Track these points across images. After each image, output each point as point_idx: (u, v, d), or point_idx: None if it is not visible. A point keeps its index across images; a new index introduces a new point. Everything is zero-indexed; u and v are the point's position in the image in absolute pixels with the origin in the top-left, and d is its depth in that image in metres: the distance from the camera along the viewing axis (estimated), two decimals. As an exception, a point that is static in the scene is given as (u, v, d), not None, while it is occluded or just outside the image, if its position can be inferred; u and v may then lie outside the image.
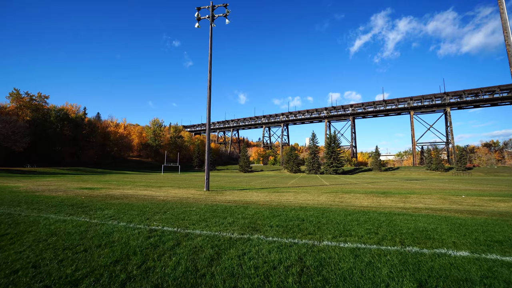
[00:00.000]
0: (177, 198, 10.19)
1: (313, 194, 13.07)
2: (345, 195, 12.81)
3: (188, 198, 10.21)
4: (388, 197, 11.67)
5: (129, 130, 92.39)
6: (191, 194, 11.95)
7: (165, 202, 8.50)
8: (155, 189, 14.47)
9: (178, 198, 9.86)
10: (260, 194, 12.46)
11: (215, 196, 11.40)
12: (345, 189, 16.70)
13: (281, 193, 13.24)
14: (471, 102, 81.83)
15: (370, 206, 8.44)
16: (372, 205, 8.79)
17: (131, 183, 19.16)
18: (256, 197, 11.26)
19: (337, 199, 11.01)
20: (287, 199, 10.62)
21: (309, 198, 11.24)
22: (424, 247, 3.57)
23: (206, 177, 14.46)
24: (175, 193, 12.68)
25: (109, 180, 23.15)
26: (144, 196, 10.33)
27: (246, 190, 15.04)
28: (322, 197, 11.70)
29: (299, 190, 15.27)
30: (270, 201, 9.26)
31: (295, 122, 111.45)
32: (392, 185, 20.88)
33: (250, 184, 21.06)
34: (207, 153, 14.78)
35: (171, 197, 10.45)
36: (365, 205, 8.77)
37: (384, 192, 14.46)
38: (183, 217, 5.72)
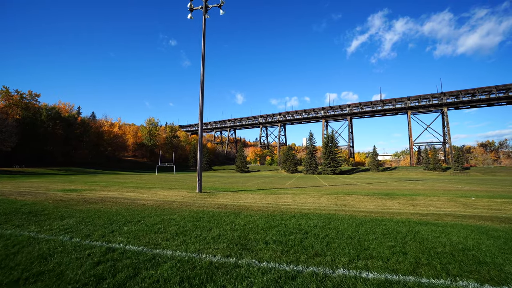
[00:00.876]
0: (161, 202, 9.06)
1: (313, 196, 12.05)
2: (347, 197, 11.81)
3: (174, 201, 9.09)
4: (394, 199, 10.70)
5: (124, 130, 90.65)
6: (180, 197, 10.84)
7: (145, 207, 7.35)
8: (143, 191, 13.33)
9: (161, 202, 8.72)
10: (256, 197, 11.40)
11: (206, 199, 10.31)
12: (346, 190, 15.72)
13: (279, 195, 12.20)
14: (468, 102, 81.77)
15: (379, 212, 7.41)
16: (379, 210, 7.78)
17: (120, 184, 17.97)
18: (251, 199, 10.20)
19: (339, 201, 10.00)
20: (285, 202, 9.58)
21: (309, 200, 10.21)
22: (484, 281, 2.54)
23: (198, 178, 13.36)
24: (163, 195, 11.56)
25: (98, 181, 21.90)
26: (124, 200, 9.17)
27: (241, 191, 13.97)
28: (323, 199, 10.69)
29: (298, 192, 14.26)
30: (266, 206, 8.19)
31: (292, 122, 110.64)
32: (394, 186, 19.97)
33: (246, 185, 20.00)
34: (199, 152, 13.68)
35: (155, 201, 9.33)
36: (372, 209, 7.76)
37: (388, 193, 13.50)
38: (158, 228, 4.62)
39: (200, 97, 13.92)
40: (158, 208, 7.32)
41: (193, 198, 10.53)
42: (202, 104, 13.89)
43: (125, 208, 6.99)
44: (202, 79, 14.10)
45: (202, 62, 14.25)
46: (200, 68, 14.21)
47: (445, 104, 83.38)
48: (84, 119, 69.18)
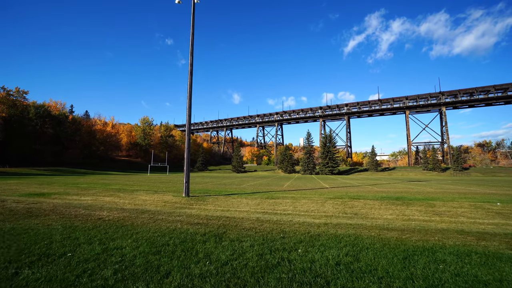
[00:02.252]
0: (130, 211, 7.50)
1: (316, 200, 10.63)
2: (354, 202, 10.43)
3: (147, 211, 7.55)
4: (409, 206, 9.33)
5: (118, 129, 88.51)
6: (161, 203, 9.34)
7: (97, 224, 5.58)
8: (123, 195, 11.80)
9: (128, 213, 6.98)
10: (250, 202, 9.94)
11: (190, 206, 8.82)
12: (350, 193, 14.35)
13: (276, 200, 10.77)
14: (466, 101, 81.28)
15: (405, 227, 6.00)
16: (401, 222, 6.37)
17: (103, 186, 16.38)
18: (245, 207, 8.74)
19: (348, 208, 8.59)
20: (284, 210, 8.13)
21: (312, 207, 8.79)
22: None
23: (185, 180, 11.86)
24: (143, 200, 10.05)
25: (80, 182, 20.27)
26: (82, 211, 7.29)
27: (235, 195, 12.51)
28: (328, 205, 9.27)
29: (298, 195, 12.84)
30: (262, 218, 6.67)
31: (290, 121, 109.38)
32: (399, 188, 18.67)
33: (240, 187, 18.54)
34: (187, 151, 12.18)
35: (123, 210, 7.82)
36: (392, 221, 6.35)
37: (398, 197, 12.15)
38: (80, 272, 3.01)
39: (188, 89, 12.42)
40: (115, 224, 5.58)
41: (175, 204, 9.03)
42: (190, 97, 12.39)
43: (68, 226, 5.25)
44: (190, 69, 12.62)
45: (191, 51, 12.76)
46: (189, 57, 12.73)
47: (443, 104, 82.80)
48: (75, 118, 67.03)
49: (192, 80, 12.58)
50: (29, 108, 52.58)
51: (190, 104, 12.33)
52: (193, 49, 12.83)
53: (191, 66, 12.66)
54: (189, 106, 12.30)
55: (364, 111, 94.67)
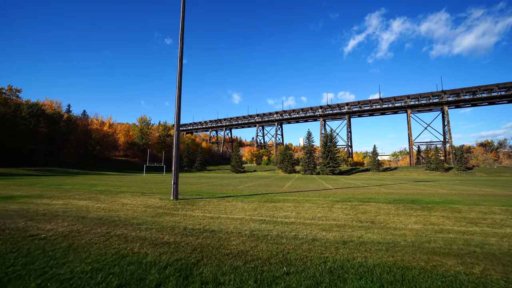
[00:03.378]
0: (83, 225, 6.17)
1: (321, 204, 9.29)
2: (365, 206, 9.09)
3: (113, 221, 6.17)
4: (431, 211, 7.99)
5: (115, 128, 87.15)
6: (142, 208, 7.99)
7: (10, 250, 3.78)
8: (104, 198, 10.44)
9: (79, 228, 5.67)
10: (246, 207, 8.59)
11: (176, 211, 7.47)
12: (358, 195, 13.00)
13: (276, 203, 9.42)
14: (469, 100, 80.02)
15: (455, 250, 4.65)
16: (432, 234, 5.03)
17: (88, 188, 15.03)
18: (239, 213, 7.39)
19: (361, 215, 7.25)
20: (286, 217, 6.78)
21: (318, 213, 7.44)
22: None
23: (173, 181, 10.50)
24: (123, 204, 8.70)
25: (66, 183, 18.93)
26: (17, 225, 6.11)
27: (230, 197, 11.16)
28: (337, 210, 7.93)
29: (300, 197, 11.49)
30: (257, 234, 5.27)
31: (290, 121, 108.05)
32: (409, 189, 17.33)
33: (238, 188, 17.18)
34: (175, 148, 10.83)
35: (89, 217, 6.47)
36: (423, 236, 5.00)
37: (413, 200, 10.81)
38: None
39: (178, 78, 11.06)
40: (43, 247, 3.95)
41: (157, 210, 7.67)
42: (180, 86, 11.03)
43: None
44: (180, 56, 11.28)
45: (181, 37, 11.43)
46: (179, 44, 11.39)
47: (445, 103, 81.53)
48: (70, 117, 65.58)
49: (182, 68, 11.23)
50: (22, 107, 51.15)
51: (179, 94, 10.98)
52: (183, 36, 11.49)
53: (181, 53, 11.32)
54: (178, 97, 10.95)
55: (365, 110, 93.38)
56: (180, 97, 11.02)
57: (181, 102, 11.07)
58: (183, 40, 11.42)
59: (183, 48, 11.39)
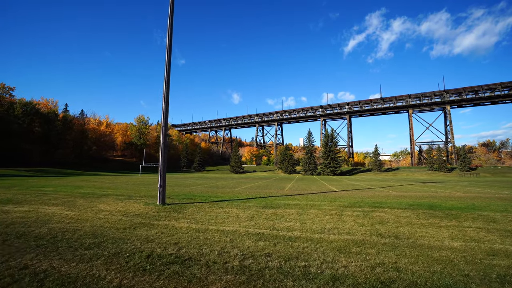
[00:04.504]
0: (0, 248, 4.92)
1: (328, 211, 8.04)
2: (380, 213, 7.84)
3: (71, 238, 4.96)
4: (460, 220, 6.75)
5: (112, 128, 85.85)
6: (119, 216, 6.73)
7: None
8: (81, 202, 9.19)
9: None
10: (242, 214, 7.34)
11: (157, 220, 6.21)
12: (366, 198, 11.75)
13: (277, 210, 8.17)
14: (471, 100, 78.88)
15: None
16: (480, 258, 3.78)
17: (71, 190, 13.78)
18: (231, 223, 6.12)
19: (378, 226, 6.00)
20: (288, 229, 5.53)
21: (327, 223, 6.19)
22: None
23: (159, 184, 9.25)
24: (98, 210, 7.44)
25: (50, 185, 17.67)
26: None
27: (224, 202, 9.90)
28: (348, 219, 6.67)
29: (303, 201, 10.23)
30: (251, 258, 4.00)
31: (290, 120, 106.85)
32: (419, 191, 16.09)
33: (235, 190, 15.92)
34: (162, 146, 9.58)
35: (27, 234, 5.21)
36: (468, 258, 3.76)
37: (431, 205, 9.57)
38: None
39: (166, 69, 9.81)
40: None
41: (134, 220, 6.39)
42: (168, 78, 9.78)
43: None
44: (169, 43, 10.02)
45: (170, 21, 10.17)
46: (167, 29, 10.14)
47: (448, 102, 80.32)
48: (66, 116, 64.26)
49: (171, 57, 9.97)
50: (15, 105, 49.83)
51: (167, 87, 9.72)
52: (173, 19, 10.23)
53: (170, 40, 10.07)
54: (166, 90, 9.69)
55: (366, 110, 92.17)
56: (168, 90, 9.77)
57: (169, 95, 9.82)
58: (172, 25, 10.17)
59: (172, 34, 10.15)
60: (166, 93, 9.70)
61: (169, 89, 9.79)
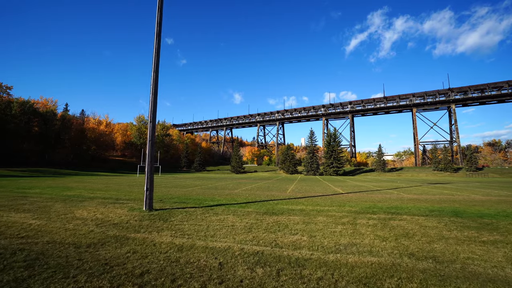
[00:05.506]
0: None
1: (339, 218, 6.90)
2: (400, 221, 6.70)
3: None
4: (503, 233, 5.60)
5: (112, 128, 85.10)
6: (91, 228, 5.63)
7: None
8: (60, 208, 8.13)
9: None
10: (238, 223, 6.22)
11: (135, 233, 5.10)
12: (378, 202, 10.59)
13: (279, 217, 7.05)
14: (477, 98, 77.29)
15: None
16: None
17: (56, 192, 12.75)
18: (223, 239, 4.99)
19: (406, 240, 4.85)
20: (294, 245, 4.39)
21: (342, 238, 5.04)
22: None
23: (146, 187, 8.16)
24: (72, 218, 6.36)
25: (38, 187, 16.68)
26: None
27: (221, 207, 8.80)
28: (365, 230, 5.53)
29: (309, 206, 9.09)
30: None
31: (291, 120, 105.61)
32: (433, 193, 14.89)
33: (234, 192, 14.81)
34: (150, 143, 8.51)
35: None
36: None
37: (455, 211, 8.41)
38: None
39: (155, 54, 8.72)
40: None
41: (107, 233, 5.27)
42: (156, 68, 8.69)
43: None
44: (158, 29, 8.93)
45: (160, 5, 9.07)
46: (156, 13, 9.04)
47: (453, 101, 78.77)
48: (64, 115, 63.46)
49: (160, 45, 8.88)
50: (12, 105, 49.01)
51: (156, 78, 8.63)
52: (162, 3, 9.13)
53: (159, 26, 8.98)
54: (154, 81, 8.59)
55: (369, 109, 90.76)
56: (156, 80, 8.68)
57: (157, 86, 8.72)
58: (161, 9, 9.08)
59: (161, 18, 9.05)
60: (155, 83, 8.61)
61: (157, 79, 8.71)
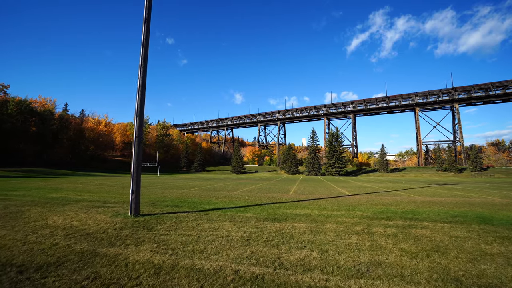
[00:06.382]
0: None
1: (351, 226, 5.95)
2: (424, 230, 5.74)
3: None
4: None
5: (112, 128, 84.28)
6: (55, 241, 4.69)
7: None
8: (35, 213, 7.23)
9: None
10: (235, 235, 5.27)
11: (108, 247, 4.17)
12: (390, 205, 9.63)
13: (282, 224, 6.10)
14: (481, 97, 76.11)
15: None
16: None
17: (44, 193, 11.86)
18: (214, 257, 4.04)
19: (441, 258, 3.89)
20: (303, 266, 3.44)
21: (361, 255, 4.08)
22: None
23: (131, 190, 7.23)
24: (41, 226, 5.44)
25: (25, 188, 15.81)
26: None
27: (216, 211, 7.86)
28: (386, 243, 4.57)
29: (315, 210, 8.13)
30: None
31: (292, 120, 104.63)
32: (446, 195, 13.92)
33: (233, 194, 13.87)
34: (136, 141, 7.59)
35: None
36: None
37: (481, 217, 7.45)
38: None
39: (143, 41, 7.80)
40: None
41: (74, 247, 4.32)
42: (145, 51, 7.76)
43: None
44: (147, 13, 8.00)
45: (149, -14, 8.14)
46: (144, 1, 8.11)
47: (456, 100, 77.62)
48: (62, 115, 62.71)
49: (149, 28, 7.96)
50: (9, 104, 48.24)
51: (144, 66, 7.70)
52: (152, -16, 8.21)
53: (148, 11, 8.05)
54: (142, 70, 7.66)
55: (371, 109, 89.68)
56: (145, 70, 7.76)
57: (146, 77, 7.80)
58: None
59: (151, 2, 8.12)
60: (143, 73, 7.68)
61: (146, 69, 7.78)
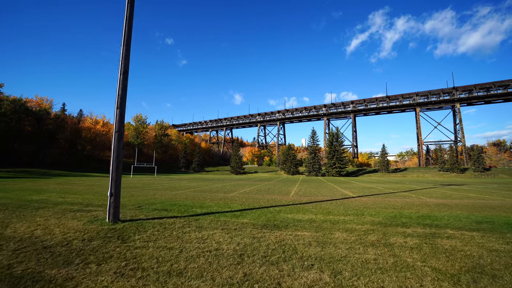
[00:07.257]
0: None
1: (366, 235, 5.02)
2: (451, 242, 4.82)
3: None
4: None
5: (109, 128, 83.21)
6: (0, 258, 3.74)
7: None
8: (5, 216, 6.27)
9: None
10: (226, 247, 4.33)
11: (55, 270, 3.21)
12: (402, 209, 8.71)
13: (283, 233, 5.17)
14: (482, 97, 75.37)
15: None
16: None
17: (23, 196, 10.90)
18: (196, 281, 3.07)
19: (492, 285, 2.97)
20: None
21: (388, 279, 3.11)
22: None
23: (110, 192, 6.33)
24: None
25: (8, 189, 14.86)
26: None
27: (208, 216, 6.93)
28: (413, 260, 3.62)
29: (319, 215, 7.20)
30: None
31: (292, 120, 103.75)
32: (459, 197, 13.01)
33: (229, 196, 12.92)
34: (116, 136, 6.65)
35: None
36: None
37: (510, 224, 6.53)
38: None
39: (126, 21, 6.87)
40: None
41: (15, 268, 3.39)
42: (129, 31, 6.82)
43: None
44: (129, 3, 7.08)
45: (132, -37, 7.21)
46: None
47: (457, 100, 76.90)
48: (58, 115, 61.69)
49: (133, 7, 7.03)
50: (2, 103, 47.20)
51: (126, 51, 6.76)
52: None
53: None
54: (125, 56, 6.72)
55: (371, 109, 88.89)
56: (128, 55, 6.83)
57: (129, 62, 6.86)
58: (135, -32, 7.22)
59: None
60: (125, 59, 6.75)
61: (129, 53, 6.85)
